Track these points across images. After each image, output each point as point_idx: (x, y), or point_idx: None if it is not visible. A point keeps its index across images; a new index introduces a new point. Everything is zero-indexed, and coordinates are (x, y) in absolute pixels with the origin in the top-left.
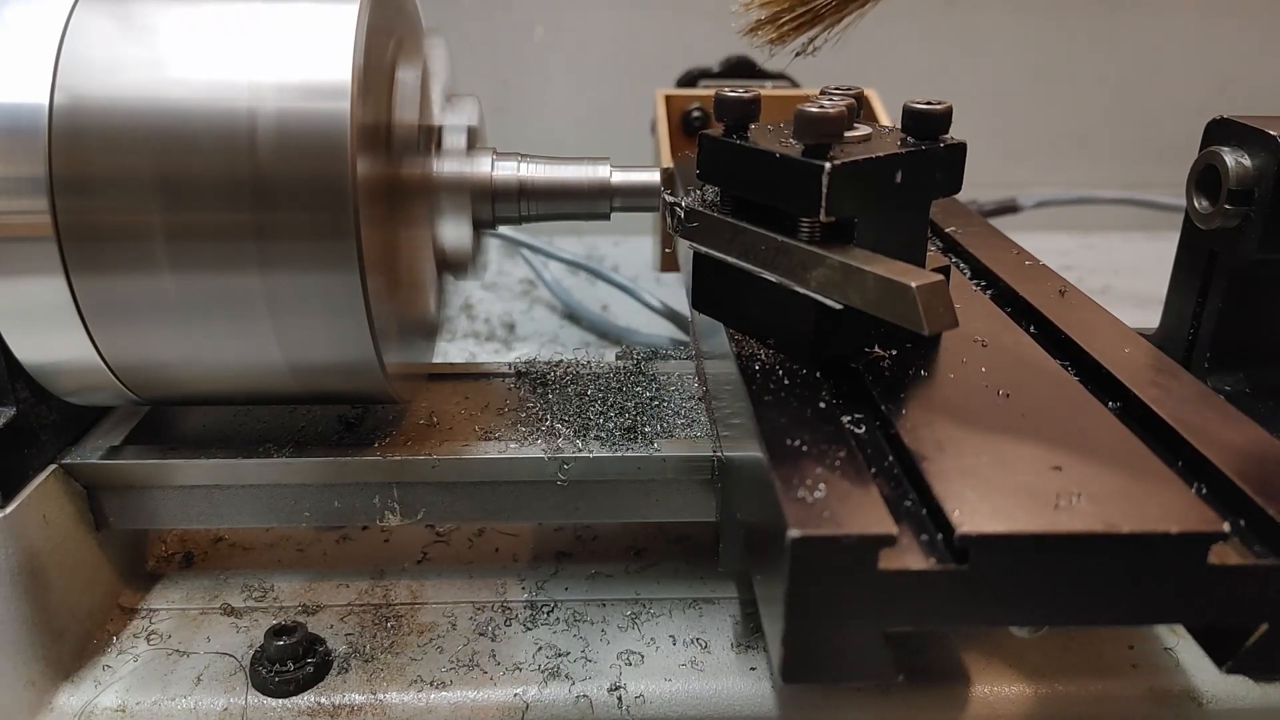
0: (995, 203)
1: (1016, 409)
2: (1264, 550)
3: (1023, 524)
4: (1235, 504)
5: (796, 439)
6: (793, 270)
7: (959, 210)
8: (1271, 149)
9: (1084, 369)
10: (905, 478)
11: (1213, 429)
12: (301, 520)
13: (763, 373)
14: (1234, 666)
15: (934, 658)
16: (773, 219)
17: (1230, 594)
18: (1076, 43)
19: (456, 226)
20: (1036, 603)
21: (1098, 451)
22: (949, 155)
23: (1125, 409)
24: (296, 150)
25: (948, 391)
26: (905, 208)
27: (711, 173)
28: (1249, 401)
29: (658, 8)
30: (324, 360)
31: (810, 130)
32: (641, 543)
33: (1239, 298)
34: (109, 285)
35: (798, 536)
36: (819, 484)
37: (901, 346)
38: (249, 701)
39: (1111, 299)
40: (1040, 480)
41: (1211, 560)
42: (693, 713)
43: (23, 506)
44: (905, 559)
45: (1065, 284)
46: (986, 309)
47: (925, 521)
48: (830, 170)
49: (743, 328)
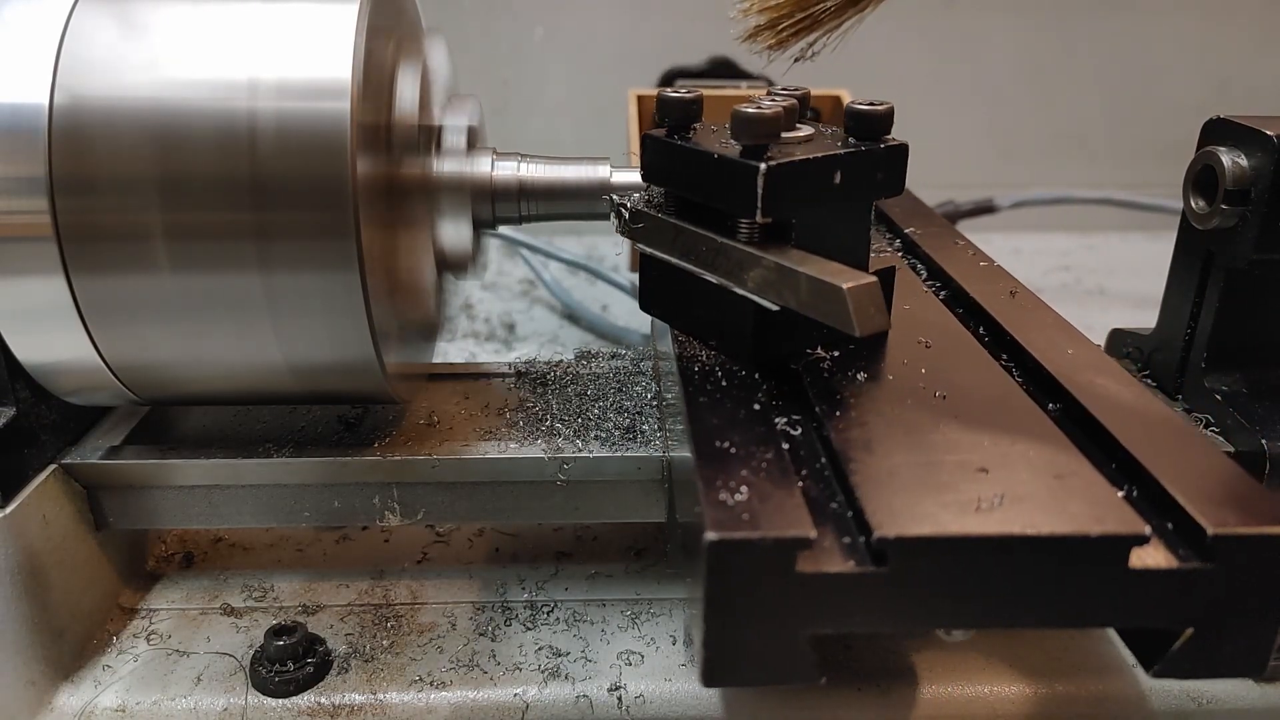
0: (972, 203)
1: (950, 410)
2: (1188, 554)
3: (941, 526)
4: (1164, 507)
5: (725, 440)
6: (731, 271)
7: (921, 211)
8: (1268, 149)
9: (1028, 370)
10: (835, 479)
11: (1146, 431)
12: (301, 520)
13: (701, 374)
14: (1162, 670)
15: (932, 658)
16: (714, 220)
17: (1154, 598)
18: (1075, 43)
19: (456, 226)
20: (958, 605)
21: (1027, 454)
22: (890, 156)
23: (1065, 411)
24: (296, 150)
25: (884, 393)
26: (845, 208)
27: (655, 173)
28: (1246, 402)
29: (657, 8)
30: (324, 360)
31: (747, 130)
32: (641, 543)
33: (1236, 298)
34: (109, 285)
35: (714, 539)
36: (741, 486)
37: (844, 348)
38: (249, 701)
39: (1110, 300)
40: (965, 482)
41: (1134, 564)
42: (693, 713)
43: (22, 506)
44: (823, 561)
45: (1017, 285)
46: (936, 310)
47: (849, 524)
48: (765, 170)
49: (687, 328)
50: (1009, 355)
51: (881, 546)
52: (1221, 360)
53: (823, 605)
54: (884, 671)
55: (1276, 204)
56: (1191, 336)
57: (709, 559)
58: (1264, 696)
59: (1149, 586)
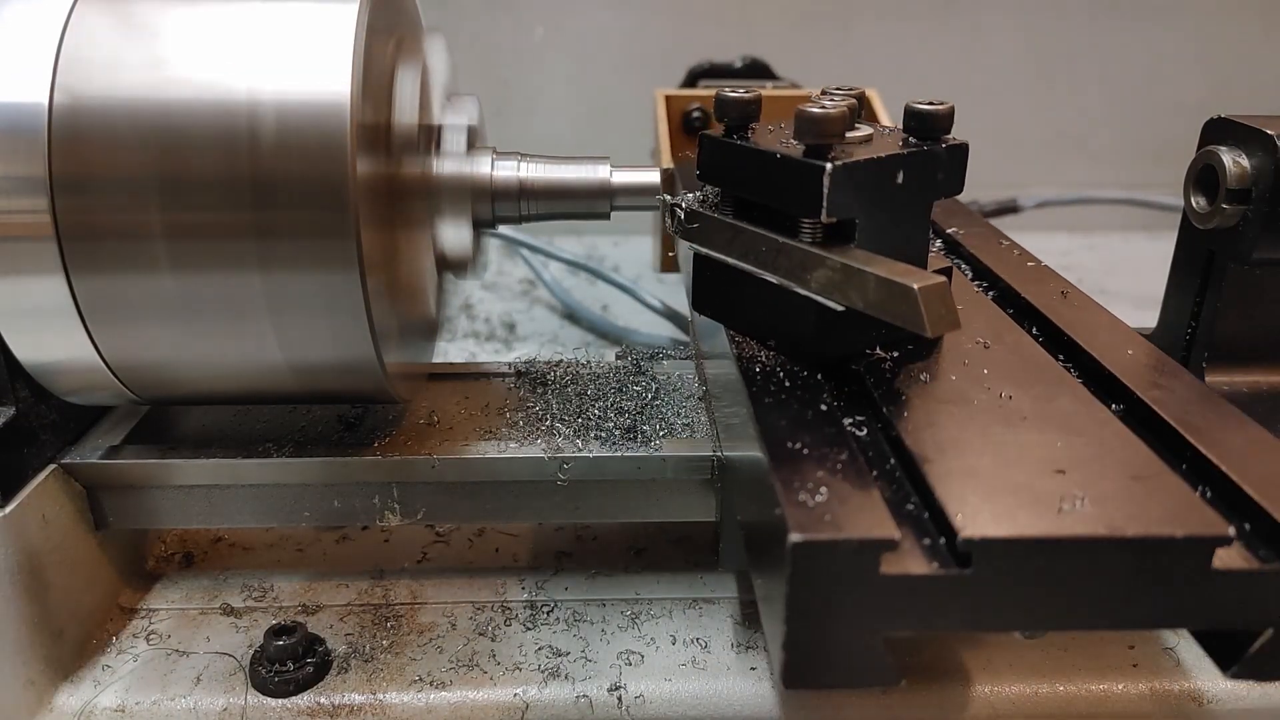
0: (996, 203)
1: (1019, 411)
2: (1269, 554)
3: (1026, 528)
4: (1239, 507)
5: (797, 441)
6: (793, 271)
7: (960, 211)
8: (1269, 148)
9: (1086, 370)
10: (907, 480)
11: (1216, 431)
12: (301, 520)
13: (763, 374)
14: (1239, 671)
15: (934, 658)
16: (773, 220)
17: (1235, 598)
18: (1076, 43)
19: (456, 226)
20: (1039, 607)
21: (1101, 454)
22: (951, 156)
23: (1128, 411)
24: (296, 150)
25: (950, 393)
26: (907, 208)
27: (712, 173)
28: (1246, 401)
29: (658, 8)
30: (324, 360)
31: (811, 130)
32: (641, 543)
33: (1237, 297)
34: (109, 285)
35: (799, 541)
36: (820, 487)
37: (903, 348)
38: (249, 701)
39: (1111, 299)
40: (1043, 483)
41: (1216, 564)
42: (693, 713)
43: (22, 506)
44: (907, 563)
45: (1067, 285)
46: (988, 310)
47: (927, 525)
48: (831, 171)
49: (743, 329)
50: (1066, 356)
51: (966, 548)
52: (1222, 359)
53: (905, 607)
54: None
55: (1277, 203)
56: (1193, 336)
57: (793, 561)
58: (1264, 696)
59: (1230, 587)
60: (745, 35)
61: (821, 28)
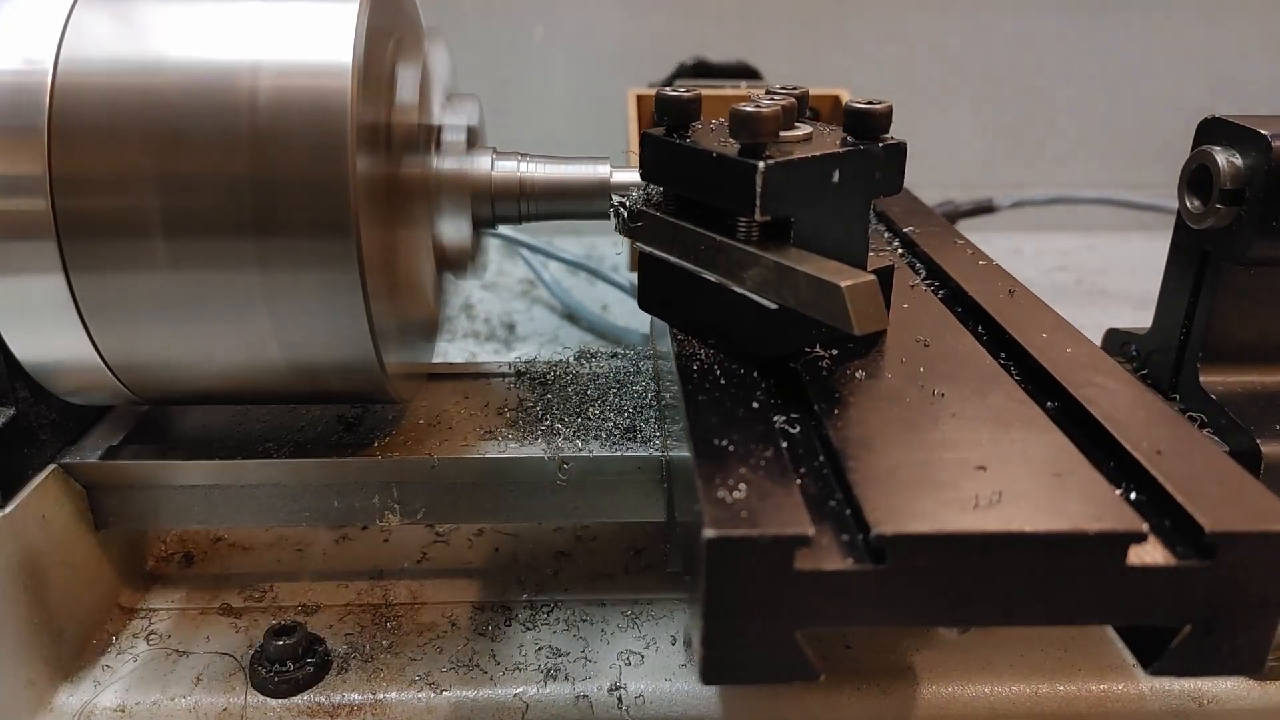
0: (972, 203)
1: (949, 408)
2: (1185, 551)
3: (940, 523)
4: (1162, 505)
5: (724, 439)
6: (730, 270)
7: (920, 210)
8: (1262, 148)
9: (1026, 369)
10: (833, 477)
11: (1145, 429)
12: (301, 520)
13: (700, 372)
14: (1160, 668)
15: (934, 657)
16: (713, 218)
17: (1152, 595)
18: (1073, 43)
19: (456, 226)
20: (956, 603)
21: (1025, 451)
22: (889, 155)
23: (1062, 409)
24: (296, 149)
25: (882, 391)
26: (844, 207)
27: (654, 172)
28: (1241, 401)
29: (657, 8)
30: (324, 360)
31: (745, 129)
32: (641, 543)
33: (1231, 297)
34: (108, 284)
35: (712, 536)
36: (740, 484)
37: (843, 346)
38: (248, 701)
39: (1110, 299)
40: (963, 480)
41: (1131, 561)
42: (693, 713)
43: (22, 506)
44: (822, 559)
45: (1016, 284)
46: (934, 309)
47: (848, 521)
48: (764, 169)
49: (687, 327)
50: (1007, 354)
51: (880, 544)
52: (1217, 359)
53: (821, 603)
54: (884, 670)
55: (1271, 203)
56: (1187, 336)
57: (708, 556)
58: (1264, 696)
59: (1147, 584)
60: (744, 35)
61: (819, 28)
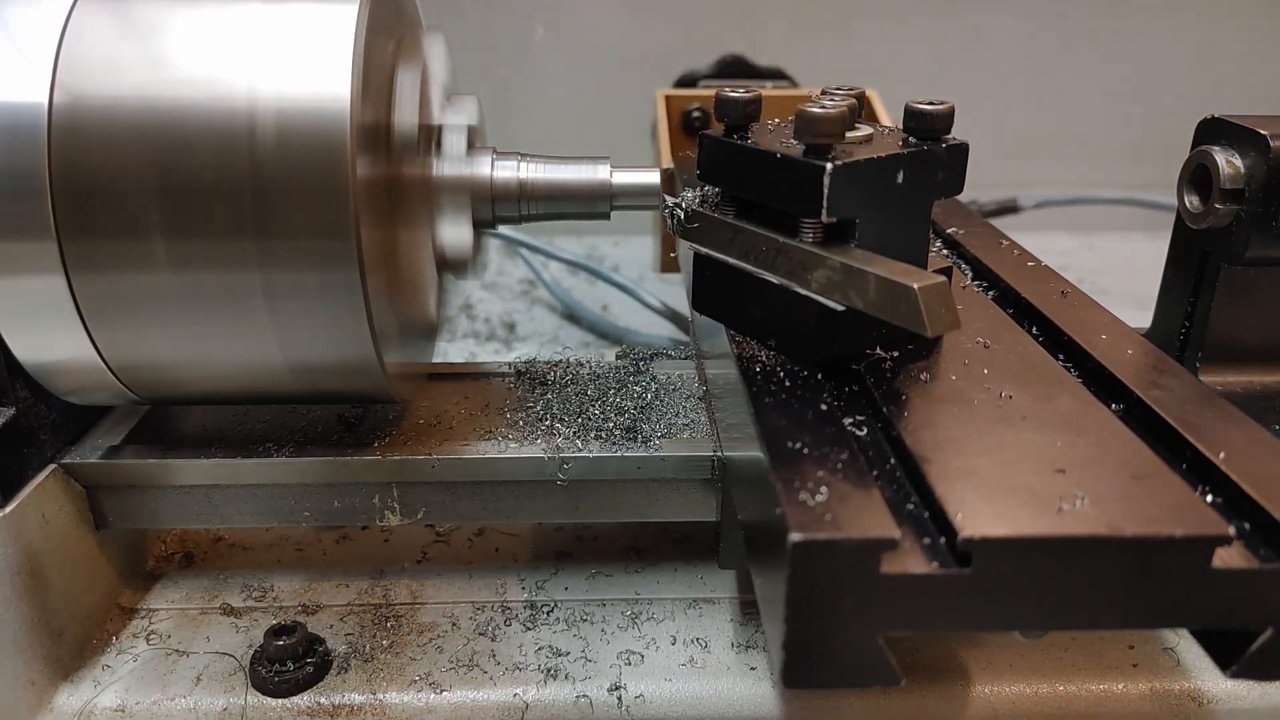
0: (996, 203)
1: (1018, 411)
2: (1268, 554)
3: (1026, 527)
4: (1239, 507)
5: (797, 441)
6: (794, 271)
7: (959, 211)
8: (1262, 148)
9: (1086, 370)
10: (907, 480)
11: (1216, 431)
12: (301, 520)
13: (763, 374)
14: (1239, 671)
15: (934, 657)
16: (774, 219)
17: (1234, 598)
18: (1076, 43)
19: (456, 226)
20: (1040, 606)
21: (1101, 454)
22: (951, 156)
23: (1128, 411)
24: (296, 150)
25: (950, 393)
26: (907, 208)
27: (712, 173)
28: (1241, 400)
29: (658, 8)
30: (324, 360)
31: (811, 130)
32: (641, 543)
33: (1230, 297)
34: (109, 284)
35: (799, 540)
36: (820, 486)
37: (903, 348)
38: (249, 701)
39: (1111, 299)
40: (1043, 483)
41: (1216, 564)
42: (693, 713)
43: (22, 506)
44: (907, 563)
45: (1067, 285)
46: (988, 310)
47: (927, 524)
48: (832, 170)
49: (743, 329)
50: (1066, 355)
51: (966, 548)
52: (1216, 359)
53: (905, 607)
54: None
55: (1270, 203)
56: (1186, 335)
57: (793, 560)
58: (1264, 696)
59: (1231, 587)
60: (745, 35)
61: (822, 28)
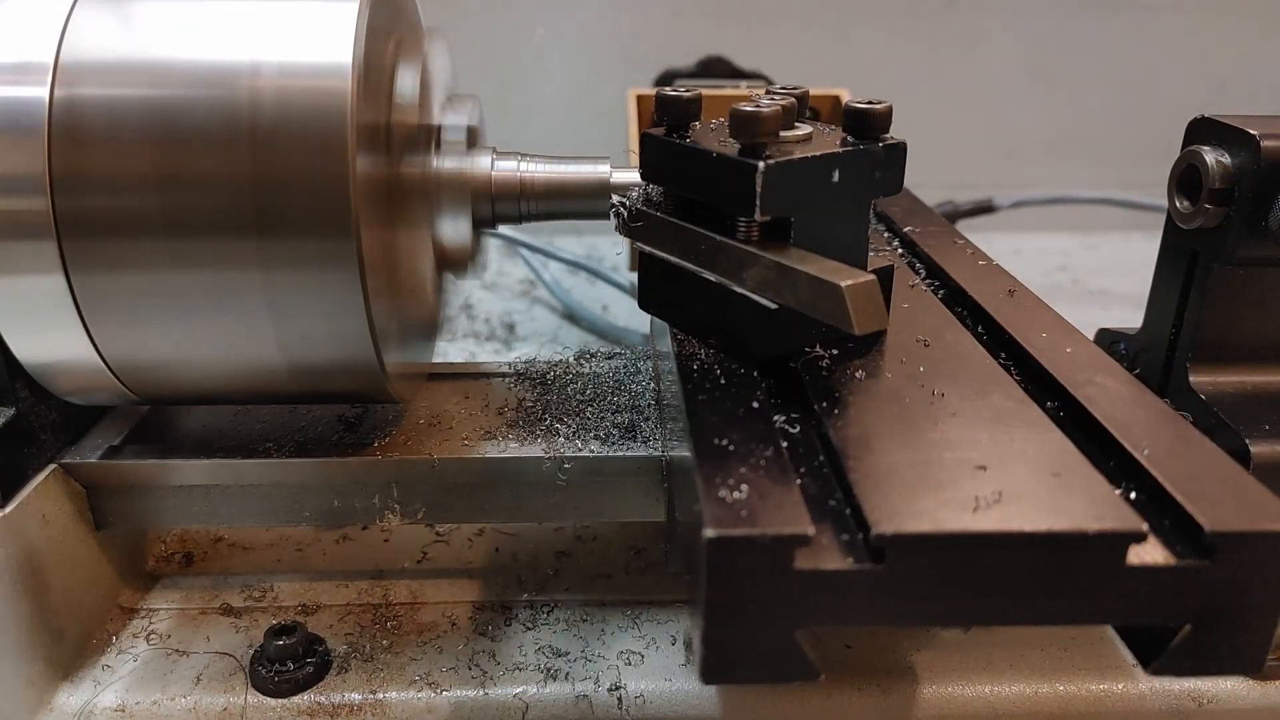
0: (972, 203)
1: (948, 408)
2: (1185, 551)
3: (940, 523)
4: (1162, 504)
5: (725, 438)
6: (730, 269)
7: (920, 210)
8: (1251, 148)
9: (1025, 369)
10: (833, 477)
11: (1144, 429)
12: (301, 520)
13: (700, 372)
14: (1160, 667)
15: (934, 657)
16: (714, 218)
17: (1151, 595)
18: (1075, 43)
19: (456, 225)
20: (954, 602)
21: (1025, 451)
22: (889, 155)
23: (1063, 409)
24: (296, 149)
25: (882, 390)
26: (844, 207)
27: (654, 172)
28: (1230, 401)
29: (658, 8)
30: (324, 360)
31: (745, 129)
32: (641, 543)
33: (1220, 297)
34: (108, 283)
35: (713, 536)
36: (741, 483)
37: (843, 346)
38: (249, 701)
39: (1110, 299)
40: (963, 480)
41: (1131, 561)
42: (693, 713)
43: (22, 506)
44: (822, 558)
45: (1016, 284)
46: (934, 309)
47: (848, 521)
48: (764, 169)
49: (687, 327)
50: (1007, 354)
51: (879, 544)
52: (1206, 360)
53: (821, 602)
54: (884, 670)
55: (1260, 203)
56: (1177, 336)
57: (708, 556)
58: (1264, 696)
59: (1147, 584)
60: (743, 35)
61: (820, 30)
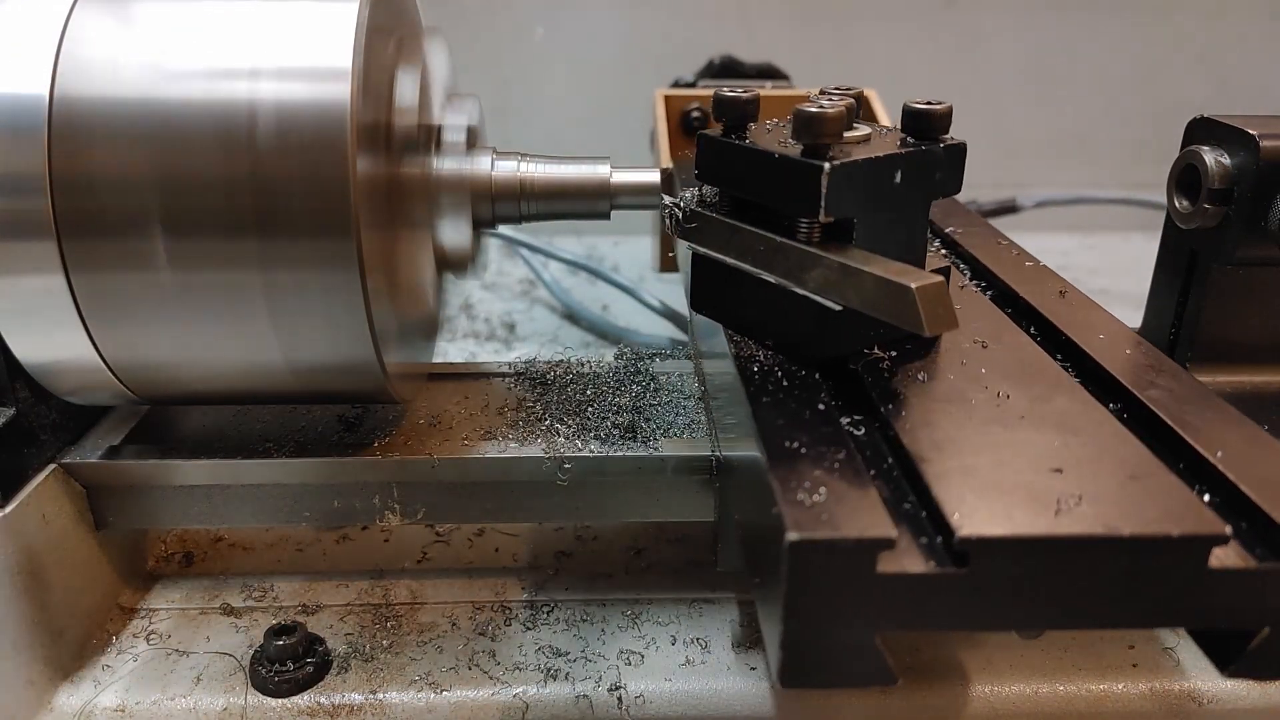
0: (995, 203)
1: (1016, 411)
2: (1265, 553)
3: (1023, 527)
4: (1237, 506)
5: (795, 440)
6: (791, 271)
7: (958, 210)
8: (1250, 148)
9: (1084, 370)
10: (905, 480)
11: (1214, 431)
12: (301, 520)
13: (761, 374)
14: (1236, 670)
15: (934, 658)
16: (771, 219)
17: (1231, 597)
18: (1076, 43)
19: (456, 226)
20: (1036, 606)
21: (1098, 453)
22: (949, 155)
23: (1126, 410)
24: (296, 149)
25: (947, 393)
26: (905, 208)
27: (710, 173)
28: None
29: (658, 8)
30: (324, 360)
31: (809, 130)
32: (641, 543)
33: (1219, 297)
34: (109, 284)
35: (796, 540)
36: (818, 486)
37: (901, 347)
38: (249, 701)
39: (1110, 300)
40: (1040, 482)
41: (1212, 564)
42: (693, 713)
43: (22, 506)
44: (904, 562)
45: (1065, 285)
46: (986, 310)
47: (924, 524)
48: (829, 170)
49: (741, 328)
50: (1064, 355)
51: (963, 547)
52: (1205, 359)
53: (902, 607)
54: None
55: (1259, 203)
56: (1176, 335)
57: (790, 560)
58: (1264, 696)
59: (1228, 586)
60: (745, 35)
61: (821, 28)
